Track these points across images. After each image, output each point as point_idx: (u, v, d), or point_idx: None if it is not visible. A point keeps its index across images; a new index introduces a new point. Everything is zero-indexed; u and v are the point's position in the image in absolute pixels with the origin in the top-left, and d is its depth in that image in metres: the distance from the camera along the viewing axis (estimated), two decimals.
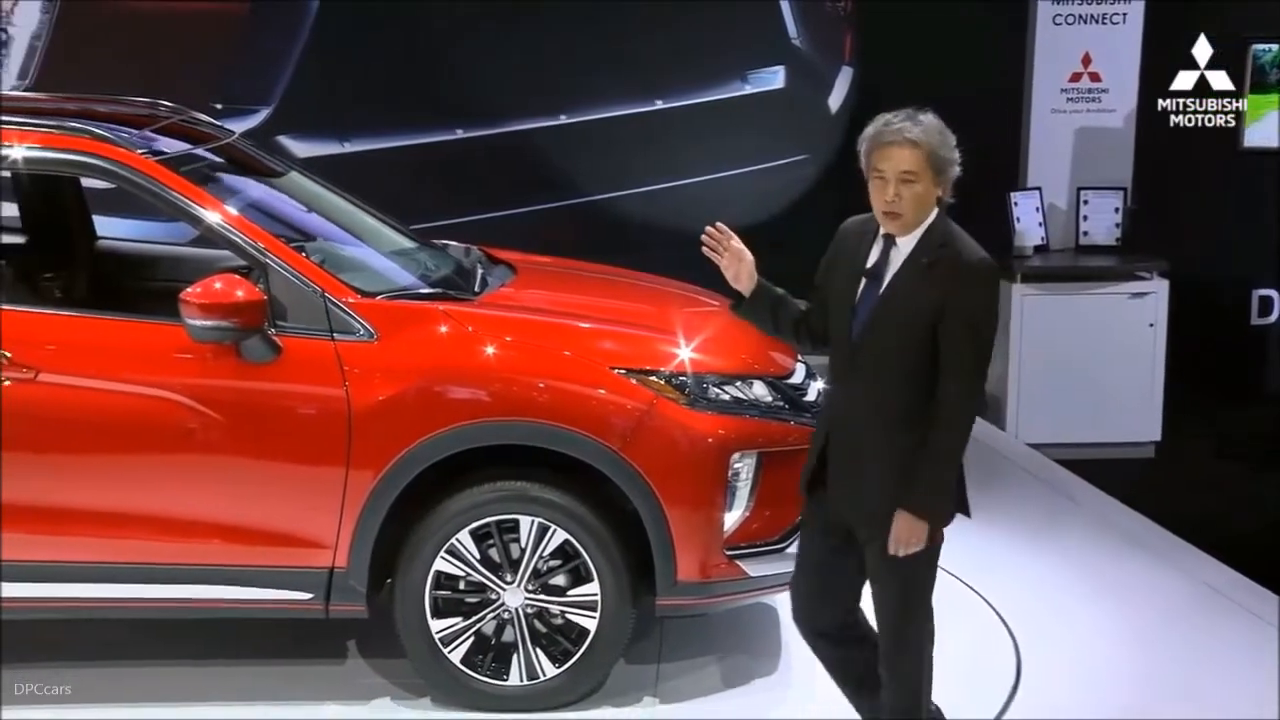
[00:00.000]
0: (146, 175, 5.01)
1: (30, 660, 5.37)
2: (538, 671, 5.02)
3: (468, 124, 9.45)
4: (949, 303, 3.92)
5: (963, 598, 6.14)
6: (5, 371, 4.83)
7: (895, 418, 4.00)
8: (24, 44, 9.17)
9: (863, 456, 4.06)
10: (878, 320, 4.01)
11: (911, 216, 3.99)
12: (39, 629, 5.36)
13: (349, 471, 4.87)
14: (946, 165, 4.00)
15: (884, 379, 4.00)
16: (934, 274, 3.95)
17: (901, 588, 4.16)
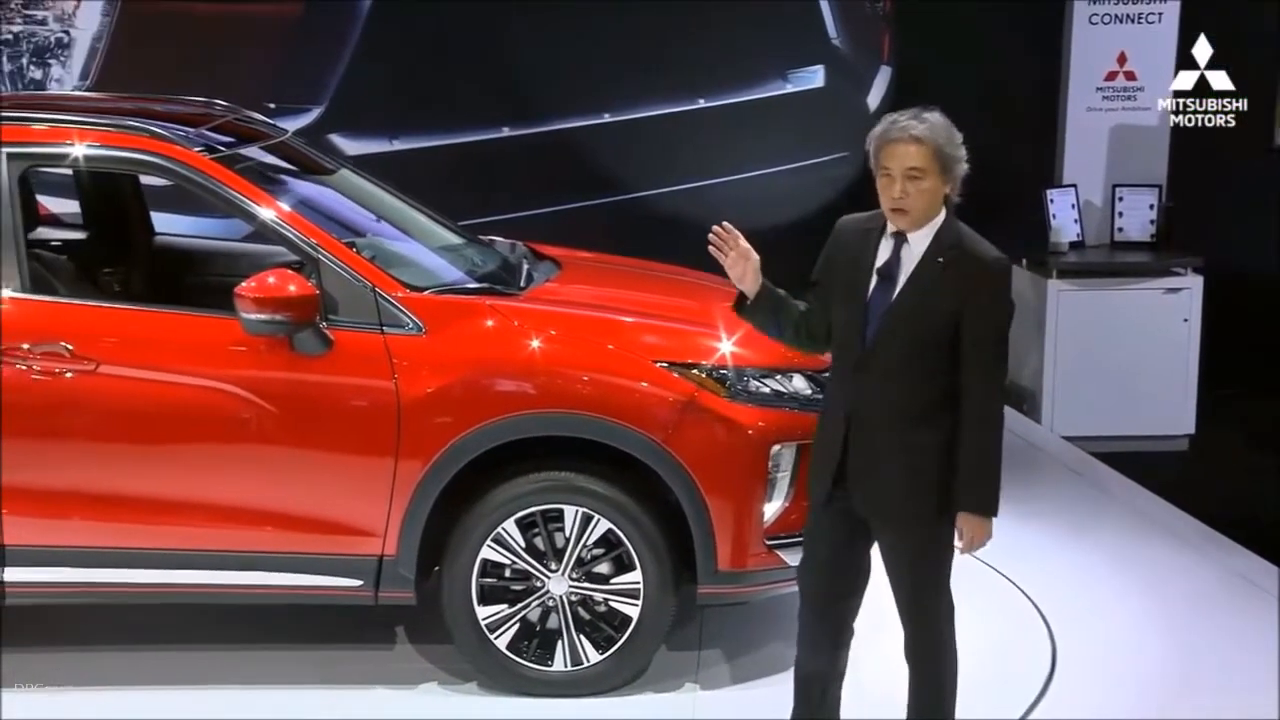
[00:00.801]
0: (202, 173, 5.04)
1: (80, 643, 5.41)
2: (581, 657, 5.02)
3: (514, 122, 9.45)
4: (968, 302, 3.91)
5: (999, 587, 6.12)
6: (67, 363, 4.87)
7: (914, 416, 3.98)
8: (85, 46, 9.23)
9: (881, 454, 4.02)
10: (895, 320, 3.97)
11: (919, 213, 3.96)
12: (88, 613, 5.40)
13: (398, 462, 4.88)
14: (953, 162, 3.97)
15: (902, 378, 3.97)
16: (950, 274, 3.93)
17: (922, 580, 4.13)
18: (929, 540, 4.08)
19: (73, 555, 4.94)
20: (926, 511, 4.03)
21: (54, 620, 5.50)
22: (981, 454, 3.97)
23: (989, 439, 3.98)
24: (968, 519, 4.00)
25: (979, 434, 3.96)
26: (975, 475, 3.97)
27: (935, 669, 4.25)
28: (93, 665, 5.28)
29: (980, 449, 3.97)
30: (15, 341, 4.87)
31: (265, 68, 9.35)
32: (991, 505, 4.00)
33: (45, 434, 4.90)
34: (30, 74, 9.24)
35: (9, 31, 9.22)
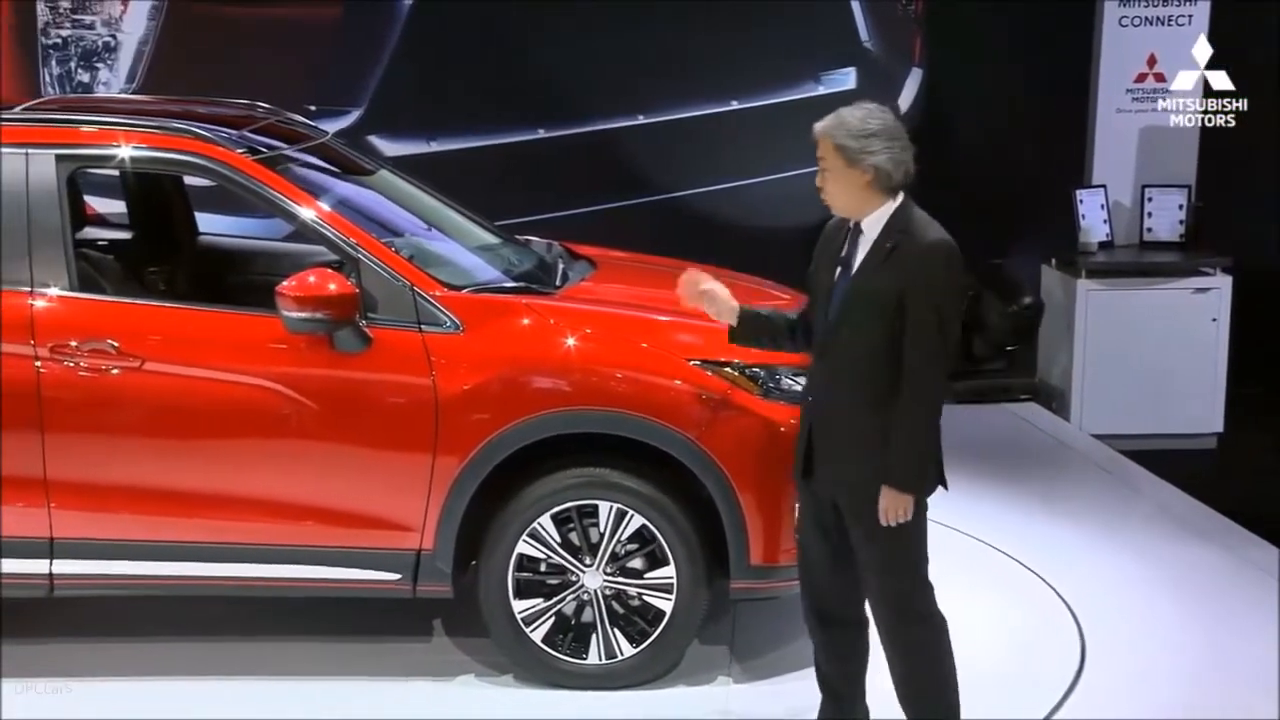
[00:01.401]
0: (245, 173, 5.06)
1: (127, 635, 5.44)
2: (616, 651, 5.03)
3: (550, 124, 9.45)
4: (909, 282, 4.01)
5: (1028, 583, 6.10)
6: (113, 360, 4.90)
7: (867, 397, 4.08)
8: (132, 49, 9.28)
9: (840, 436, 4.14)
10: (847, 304, 4.11)
11: (836, 200, 4.14)
12: (134, 604, 5.43)
13: (435, 458, 4.89)
14: (857, 154, 4.05)
15: (855, 360, 4.09)
16: (894, 257, 4.04)
17: (889, 560, 4.17)
18: (901, 531, 4.11)
19: (119, 548, 4.97)
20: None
21: (103, 612, 5.53)
22: (910, 432, 4.05)
23: (920, 419, 4.06)
24: (887, 492, 4.06)
25: (908, 408, 4.04)
26: (900, 451, 4.04)
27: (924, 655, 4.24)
28: (138, 656, 5.31)
29: (909, 427, 4.05)
30: (63, 339, 4.90)
31: (306, 71, 9.38)
32: (911, 482, 4.07)
33: (92, 429, 4.94)
34: (78, 77, 9.30)
35: (58, 36, 9.28)
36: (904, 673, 4.28)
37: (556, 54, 9.45)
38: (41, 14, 9.26)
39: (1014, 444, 8.29)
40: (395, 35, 9.31)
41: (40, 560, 4.96)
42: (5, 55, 9.33)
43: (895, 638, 4.25)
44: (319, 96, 9.14)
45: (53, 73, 9.29)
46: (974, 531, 6.62)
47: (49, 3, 9.23)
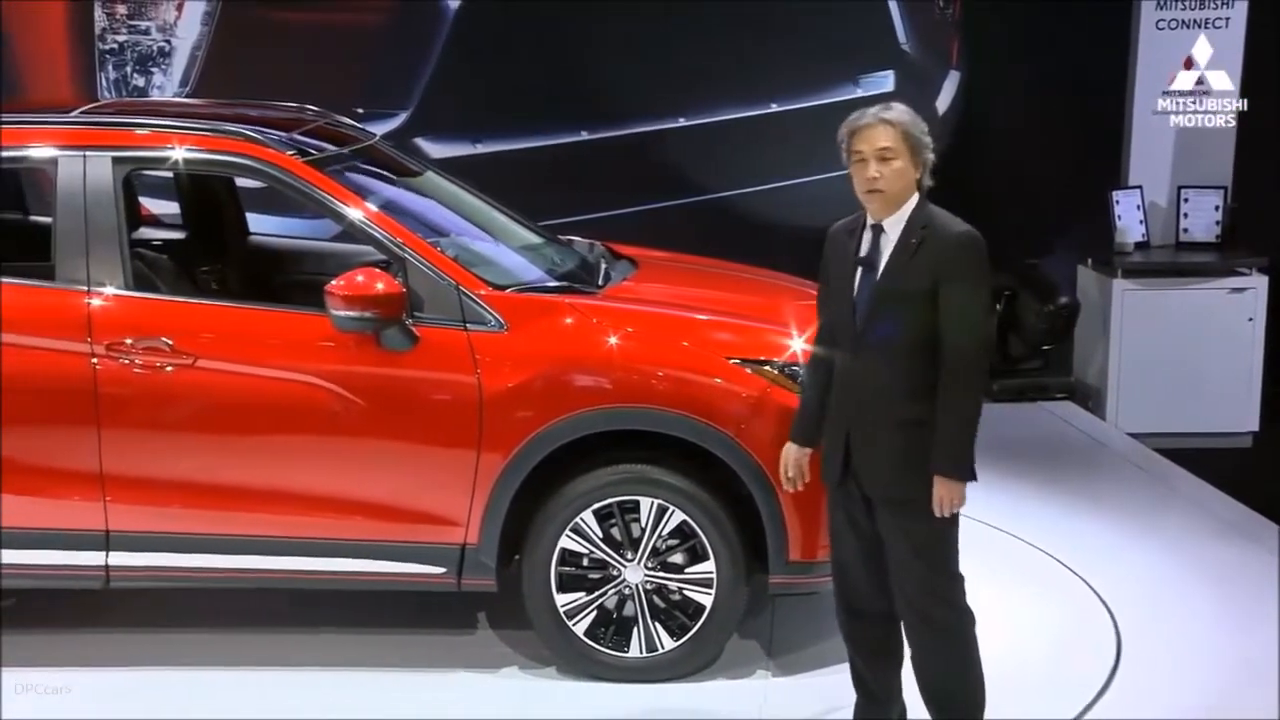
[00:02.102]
0: (295, 175, 5.07)
1: (178, 626, 5.47)
2: (656, 644, 5.02)
3: (592, 126, 9.46)
4: (941, 276, 3.99)
5: (1064, 579, 6.06)
6: (167, 358, 4.92)
7: (906, 391, 4.05)
8: (185, 54, 9.34)
9: (879, 436, 4.10)
10: (879, 304, 4.07)
11: (893, 193, 4.06)
12: (186, 596, 5.46)
13: (480, 454, 4.89)
14: (921, 146, 4.08)
15: (892, 356, 4.06)
16: (923, 252, 4.03)
17: (924, 552, 4.14)
18: (938, 523, 4.09)
19: (173, 541, 5.00)
20: (922, 484, 4.06)
21: (154, 603, 5.57)
22: (958, 421, 4.02)
23: (966, 406, 4.03)
24: (941, 482, 4.03)
25: (955, 401, 4.01)
26: (952, 441, 4.02)
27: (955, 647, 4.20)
28: (189, 647, 5.33)
29: (957, 416, 4.02)
30: (118, 336, 4.93)
31: (354, 75, 9.41)
32: (965, 469, 4.05)
33: (146, 425, 4.96)
34: (133, 81, 9.36)
35: (114, 41, 9.34)
36: (930, 665, 4.26)
37: (599, 58, 9.45)
38: (99, 20, 9.33)
39: (1050, 442, 8.24)
40: (441, 40, 9.33)
41: (97, 553, 4.99)
42: (64, 60, 9.41)
43: (924, 629, 4.22)
44: (367, 99, 9.17)
45: (109, 77, 9.36)
46: (1011, 528, 6.59)
47: (106, 9, 9.30)
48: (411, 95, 9.31)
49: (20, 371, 4.93)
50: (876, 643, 4.41)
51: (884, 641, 4.40)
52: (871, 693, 4.47)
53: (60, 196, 5.04)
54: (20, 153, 5.22)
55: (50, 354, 4.93)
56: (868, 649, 4.43)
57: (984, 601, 4.55)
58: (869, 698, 4.48)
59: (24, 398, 4.93)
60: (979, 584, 4.30)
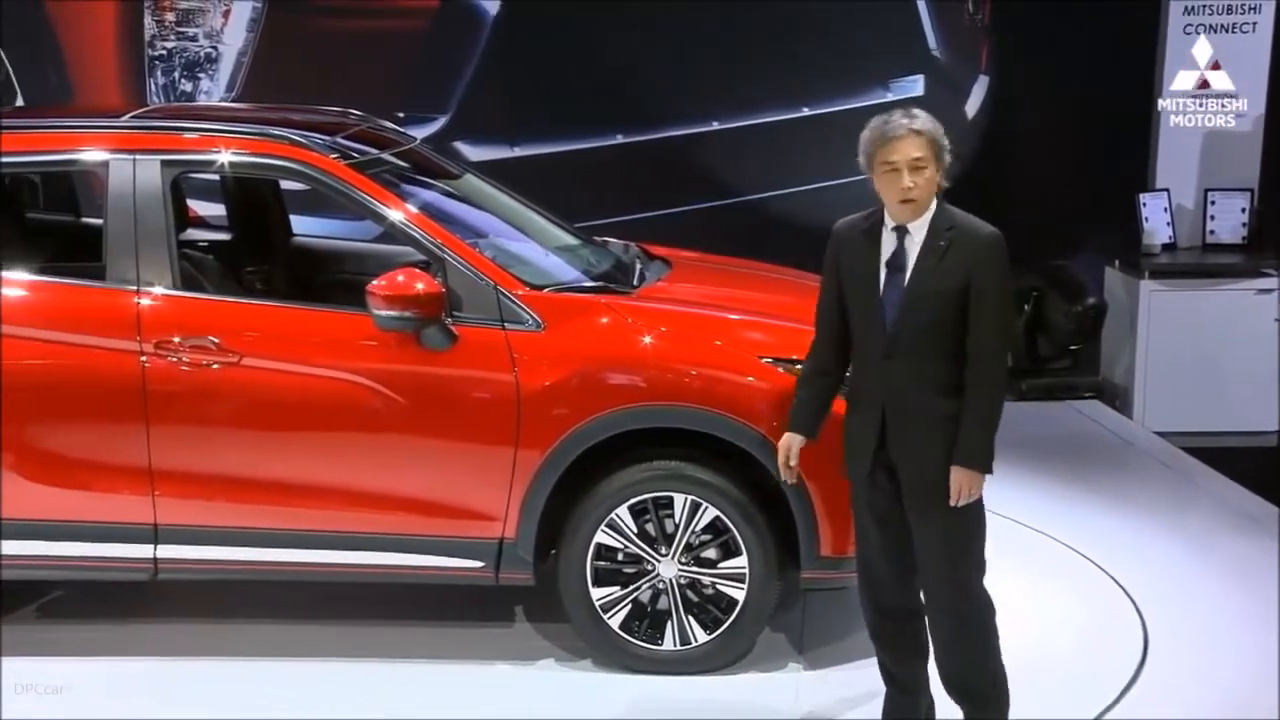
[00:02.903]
0: (338, 178, 5.09)
1: (224, 617, 5.49)
2: (690, 637, 5.01)
3: (627, 130, 9.45)
4: (972, 276, 4.03)
5: (1092, 576, 6.03)
6: (213, 356, 4.94)
7: (939, 387, 4.08)
8: (231, 60, 9.38)
9: (919, 431, 4.11)
10: (911, 305, 4.08)
11: (924, 201, 4.08)
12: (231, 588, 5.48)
13: (518, 450, 4.89)
14: (944, 152, 4.10)
15: (926, 353, 4.08)
16: (952, 253, 4.06)
17: (953, 540, 4.16)
18: (970, 514, 4.13)
19: (219, 535, 5.02)
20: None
21: (201, 595, 5.60)
22: (982, 414, 4.07)
23: (990, 400, 4.09)
24: (960, 471, 4.07)
25: (980, 396, 4.06)
26: (972, 432, 4.06)
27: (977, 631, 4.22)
28: (233, 637, 5.36)
29: (981, 409, 4.07)
30: (166, 335, 4.95)
31: (395, 80, 9.45)
32: (985, 461, 4.09)
33: (193, 422, 4.99)
34: (181, 86, 9.42)
35: (163, 48, 9.40)
36: (952, 656, 4.27)
37: (634, 63, 9.46)
38: (148, 27, 9.38)
39: (1078, 441, 8.19)
40: (480, 46, 9.35)
41: (145, 545, 5.02)
42: (114, 66, 9.47)
43: (947, 615, 4.22)
44: (407, 104, 9.20)
45: (158, 82, 9.41)
46: (1039, 525, 6.56)
47: (155, 16, 9.36)
48: (451, 100, 9.34)
49: (72, 369, 4.96)
50: (902, 637, 4.41)
51: (910, 637, 4.40)
52: (900, 685, 4.47)
53: (111, 199, 5.07)
54: (73, 156, 5.26)
55: (101, 352, 4.96)
56: (894, 644, 4.43)
57: (1012, 597, 4.55)
58: (898, 690, 4.48)
59: (76, 394, 4.97)
60: (1008, 579, 4.29)
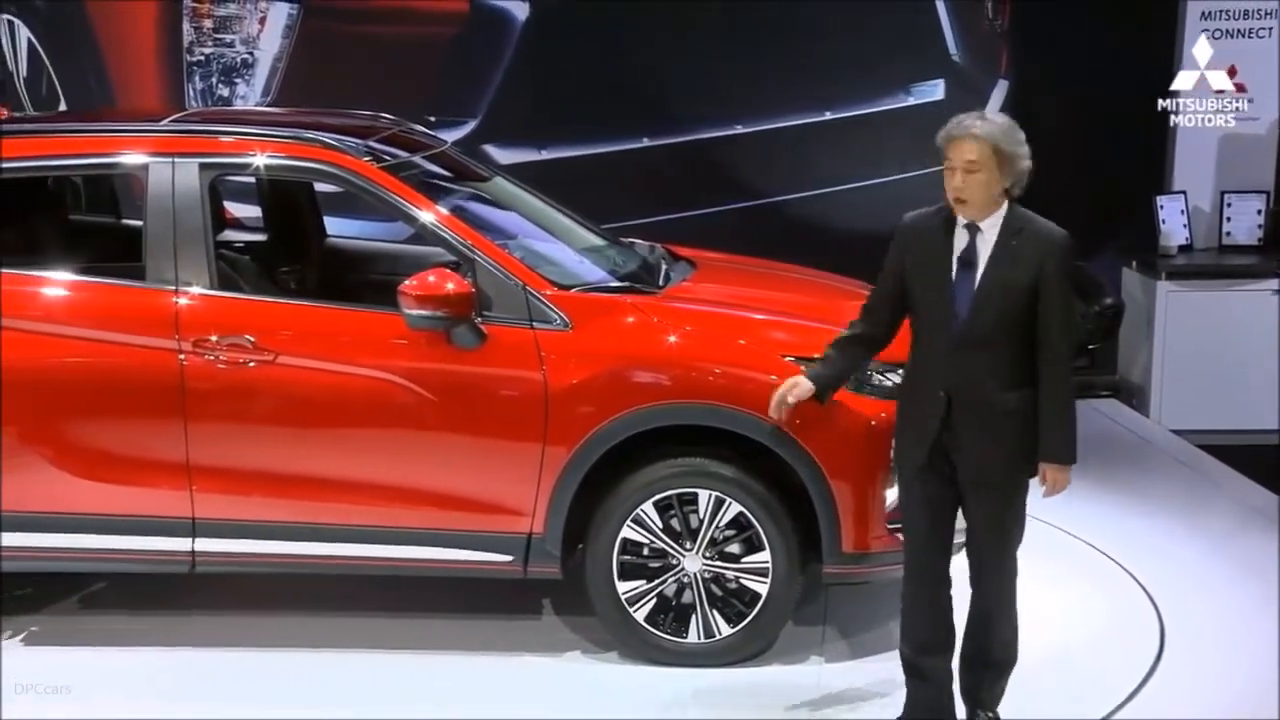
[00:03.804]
0: (371, 180, 5.10)
1: (257, 608, 5.51)
2: (714, 631, 5.00)
3: (653, 133, 9.44)
4: (1042, 275, 4.07)
5: (1109, 572, 6.01)
6: (250, 354, 4.96)
7: (1009, 382, 4.12)
8: (267, 65, 9.41)
9: (983, 422, 4.14)
10: (983, 299, 4.11)
11: (977, 203, 4.10)
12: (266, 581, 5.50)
13: (545, 447, 4.89)
14: (1012, 159, 4.10)
15: (995, 349, 4.11)
16: (1024, 253, 4.10)
17: (1008, 520, 4.26)
18: (1019, 499, 4.24)
19: (255, 529, 5.03)
20: (1022, 471, 4.20)
21: (238, 587, 5.61)
22: (1058, 410, 4.12)
23: (1064, 396, 4.13)
24: (1050, 468, 4.15)
25: (1058, 390, 4.11)
26: (1054, 429, 4.12)
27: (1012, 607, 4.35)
28: (268, 628, 5.38)
29: (1057, 406, 4.11)
30: (204, 334, 4.97)
31: (427, 84, 9.46)
32: (1071, 453, 4.16)
33: (229, 418, 5.00)
34: (218, 91, 9.45)
35: (201, 54, 9.43)
36: (989, 614, 4.34)
37: (660, 68, 9.45)
38: (186, 34, 9.42)
39: (1096, 439, 8.12)
40: (509, 51, 9.35)
41: (183, 539, 5.04)
42: (154, 72, 9.51)
43: (991, 596, 4.31)
44: (438, 108, 9.20)
45: (196, 88, 9.44)
46: (1057, 522, 6.47)
47: (193, 23, 9.39)
48: (481, 104, 9.34)
49: (113, 367, 4.98)
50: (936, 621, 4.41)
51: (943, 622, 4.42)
52: (923, 674, 4.45)
53: (150, 201, 5.08)
54: (114, 159, 5.29)
55: (141, 350, 4.98)
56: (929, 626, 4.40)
57: (1030, 592, 4.52)
58: (922, 681, 4.46)
59: (117, 392, 4.99)
60: (1025, 575, 4.27)
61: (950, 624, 4.41)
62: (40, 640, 5.27)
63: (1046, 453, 4.14)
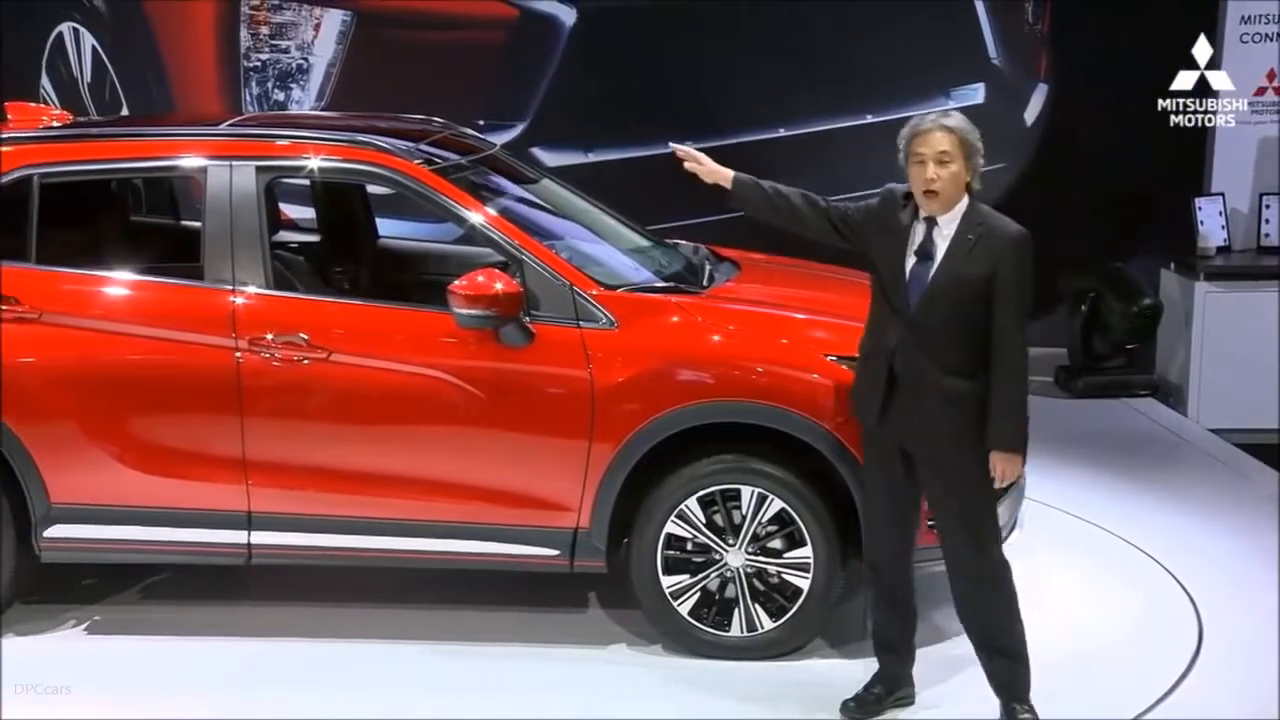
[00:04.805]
0: (422, 182, 5.10)
1: (309, 600, 5.53)
2: (756, 625, 4.98)
3: (697, 136, 9.37)
4: (998, 272, 4.15)
5: (1147, 568, 5.94)
6: (304, 352, 4.97)
7: (954, 369, 4.22)
8: (321, 71, 9.46)
9: (923, 403, 4.26)
10: (935, 294, 4.21)
11: (947, 195, 4.20)
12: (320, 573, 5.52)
13: (591, 444, 4.89)
14: (975, 152, 4.21)
15: (945, 341, 4.21)
16: (979, 248, 4.17)
17: (969, 507, 4.32)
18: (971, 473, 4.28)
19: (309, 522, 5.05)
20: (966, 449, 4.25)
21: (292, 579, 5.64)
22: (1009, 399, 4.20)
23: (1015, 386, 4.21)
24: (998, 455, 4.23)
25: (1008, 384, 4.20)
26: (1002, 417, 4.20)
27: (999, 592, 4.37)
28: (320, 619, 5.39)
29: (1007, 395, 4.20)
30: (260, 332, 4.99)
31: (476, 89, 9.49)
32: (1017, 442, 4.23)
33: (284, 414, 5.02)
34: (274, 96, 9.51)
35: (258, 60, 9.49)
36: (973, 599, 4.42)
37: (704, 72, 9.44)
38: (244, 40, 9.49)
39: (1134, 437, 8.08)
40: (556, 56, 9.37)
41: (239, 531, 5.06)
42: (212, 77, 9.58)
43: (966, 570, 4.38)
44: (487, 112, 9.23)
45: (253, 92, 9.51)
46: (1095, 519, 6.47)
47: (250, 30, 9.45)
48: (529, 108, 9.36)
49: (172, 364, 5.01)
50: (891, 594, 4.56)
51: (898, 594, 4.56)
52: (891, 646, 4.63)
53: (209, 202, 5.11)
54: (174, 162, 5.32)
55: (199, 348, 5.01)
56: (886, 599, 4.58)
57: (1069, 589, 4.51)
58: (888, 650, 4.64)
59: (176, 388, 5.02)
60: (1064, 572, 4.25)
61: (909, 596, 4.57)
62: (103, 630, 5.31)
63: (995, 440, 4.21)
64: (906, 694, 4.68)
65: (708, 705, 4.79)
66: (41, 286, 5.08)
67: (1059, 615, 5.37)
